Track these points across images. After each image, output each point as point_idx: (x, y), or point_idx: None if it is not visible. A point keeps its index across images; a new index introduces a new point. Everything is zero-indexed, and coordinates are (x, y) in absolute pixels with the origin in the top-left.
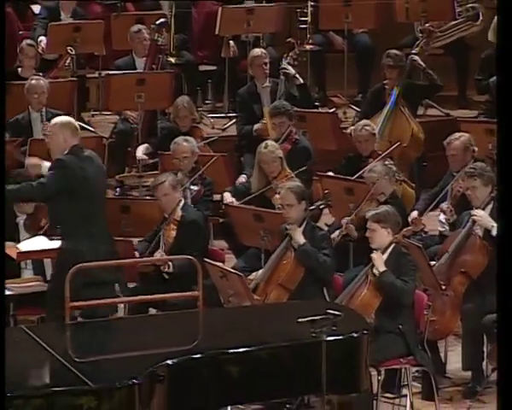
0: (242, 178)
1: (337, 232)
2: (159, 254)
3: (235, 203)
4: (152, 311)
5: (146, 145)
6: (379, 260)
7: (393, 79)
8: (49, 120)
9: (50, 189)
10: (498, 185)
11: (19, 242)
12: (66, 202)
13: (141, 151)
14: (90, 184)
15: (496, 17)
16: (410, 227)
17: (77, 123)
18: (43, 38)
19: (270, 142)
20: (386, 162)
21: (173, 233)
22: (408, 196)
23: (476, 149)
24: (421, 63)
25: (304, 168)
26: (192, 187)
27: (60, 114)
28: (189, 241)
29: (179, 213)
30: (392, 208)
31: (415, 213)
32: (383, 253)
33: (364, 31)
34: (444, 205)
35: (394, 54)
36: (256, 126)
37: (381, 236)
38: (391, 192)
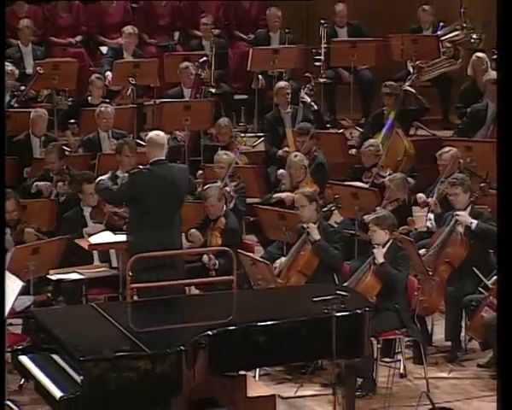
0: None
1: None
2: (206, 258)
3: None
4: (194, 291)
5: None
6: (379, 254)
7: (390, 105)
8: (114, 138)
9: (120, 196)
10: (498, 188)
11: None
12: (131, 205)
13: None
14: (153, 195)
15: (474, 55)
16: (405, 226)
17: (163, 137)
18: (109, 73)
19: (299, 153)
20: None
21: (219, 240)
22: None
23: (462, 161)
24: (413, 90)
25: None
26: (232, 184)
27: (123, 134)
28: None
29: (223, 220)
30: (389, 213)
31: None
32: (383, 247)
33: (367, 67)
34: (430, 199)
35: (390, 84)
36: (280, 152)
37: (380, 235)
38: (403, 199)
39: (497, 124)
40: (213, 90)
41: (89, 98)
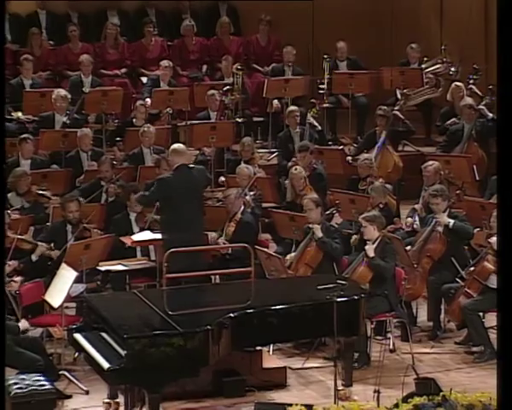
0: None
1: (354, 237)
2: (221, 241)
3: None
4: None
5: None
6: (370, 250)
7: (382, 125)
8: (154, 153)
9: (150, 198)
10: (498, 195)
11: (132, 231)
12: (161, 205)
13: None
14: (179, 194)
15: (453, 84)
16: (392, 225)
17: (183, 147)
18: (148, 99)
19: (298, 166)
20: (382, 182)
21: (232, 229)
22: (391, 205)
23: (443, 173)
24: (401, 116)
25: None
26: (250, 192)
27: (161, 150)
28: (242, 235)
29: (239, 216)
30: (379, 213)
31: (410, 220)
32: (374, 242)
33: (362, 94)
34: (417, 205)
35: (384, 108)
36: (289, 164)
37: (370, 231)
38: (384, 203)
39: (497, 129)
40: (240, 120)
41: (133, 120)
